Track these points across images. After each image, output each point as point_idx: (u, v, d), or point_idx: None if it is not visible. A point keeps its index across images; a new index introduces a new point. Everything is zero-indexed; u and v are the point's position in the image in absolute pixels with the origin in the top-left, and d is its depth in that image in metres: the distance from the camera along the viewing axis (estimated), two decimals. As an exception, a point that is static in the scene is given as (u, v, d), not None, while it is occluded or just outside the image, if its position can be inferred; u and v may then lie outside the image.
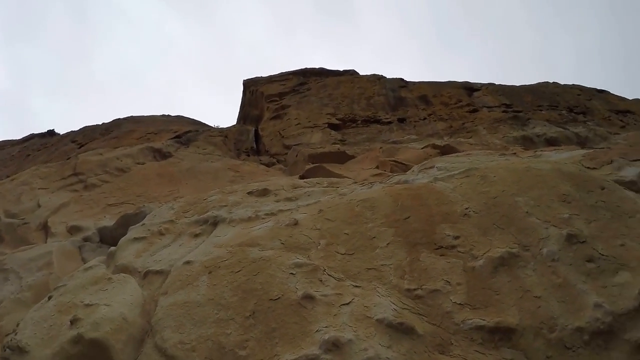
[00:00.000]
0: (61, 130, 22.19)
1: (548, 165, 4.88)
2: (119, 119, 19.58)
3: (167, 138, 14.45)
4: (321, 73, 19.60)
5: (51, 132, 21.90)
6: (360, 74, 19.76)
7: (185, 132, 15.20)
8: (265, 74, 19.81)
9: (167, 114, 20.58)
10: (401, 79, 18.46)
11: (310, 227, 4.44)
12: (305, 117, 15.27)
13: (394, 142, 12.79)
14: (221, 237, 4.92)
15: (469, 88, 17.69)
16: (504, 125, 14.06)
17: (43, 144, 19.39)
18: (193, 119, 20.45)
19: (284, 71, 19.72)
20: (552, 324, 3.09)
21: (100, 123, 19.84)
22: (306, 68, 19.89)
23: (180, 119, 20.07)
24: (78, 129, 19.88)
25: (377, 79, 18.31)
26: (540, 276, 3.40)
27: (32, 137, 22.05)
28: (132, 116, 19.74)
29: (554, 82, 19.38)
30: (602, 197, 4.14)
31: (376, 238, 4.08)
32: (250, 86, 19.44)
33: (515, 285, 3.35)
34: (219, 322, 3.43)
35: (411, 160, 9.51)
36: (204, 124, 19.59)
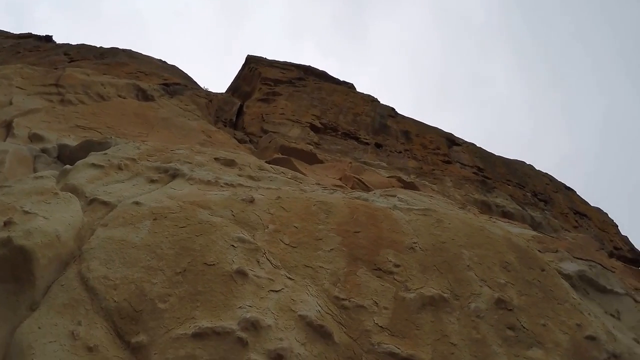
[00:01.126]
0: (58, 41, 21.31)
1: (500, 232, 5.07)
2: (117, 48, 19.07)
3: (155, 82, 14.21)
4: (321, 76, 19.67)
5: (48, 38, 21.11)
6: (357, 90, 19.93)
7: (174, 82, 14.98)
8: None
9: (164, 60, 20.18)
10: (392, 109, 18.72)
11: (264, 210, 4.47)
12: (291, 110, 15.30)
13: (364, 162, 12.97)
14: (176, 190, 4.89)
15: (451, 140, 18.11)
16: (470, 185, 14.45)
17: (36, 47, 18.70)
18: (186, 74, 20.12)
19: (288, 61, 19.68)
20: (459, 374, 3.22)
21: (98, 46, 19.28)
22: (310, 66, 19.92)
23: (174, 69, 19.71)
24: (75, 44, 19.27)
25: (371, 100, 18.53)
26: (462, 327, 3.54)
27: (29, 35, 21.19)
28: (130, 50, 19.26)
29: (529, 165, 20.05)
30: (540, 277, 4.35)
31: (322, 240, 4.14)
32: (252, 63, 19.32)
33: (437, 327, 3.47)
34: (148, 269, 3.41)
35: (374, 184, 9.67)
36: (195, 82, 19.32)
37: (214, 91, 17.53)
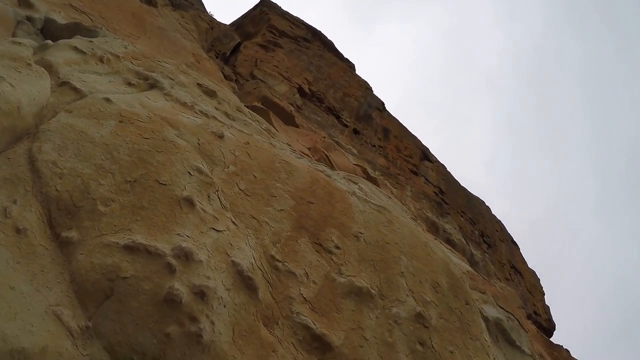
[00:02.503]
0: None
1: (441, 254, 5.20)
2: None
3: (164, -10, 13.63)
4: (327, 45, 19.38)
5: None
6: (356, 73, 19.78)
7: (183, -4, 14.42)
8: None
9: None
10: (382, 103, 18.70)
11: (230, 149, 4.40)
12: (286, 67, 15.06)
13: (337, 142, 12.97)
14: (150, 100, 4.75)
15: (425, 154, 18.31)
16: (427, 203, 14.72)
17: None
18: (198, -5, 19.38)
19: (300, 18, 19.28)
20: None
21: None
22: (319, 31, 19.56)
23: (187, -15, 18.94)
24: None
25: (365, 87, 18.44)
26: (378, 325, 3.63)
27: None
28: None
29: (487, 206, 20.54)
30: (462, 309, 4.51)
31: (276, 199, 4.13)
32: (265, 6, 18.82)
33: (356, 317, 3.55)
34: (99, 169, 3.32)
35: (339, 166, 9.71)
36: (202, 3, 18.68)
37: (217, 19, 17.04)
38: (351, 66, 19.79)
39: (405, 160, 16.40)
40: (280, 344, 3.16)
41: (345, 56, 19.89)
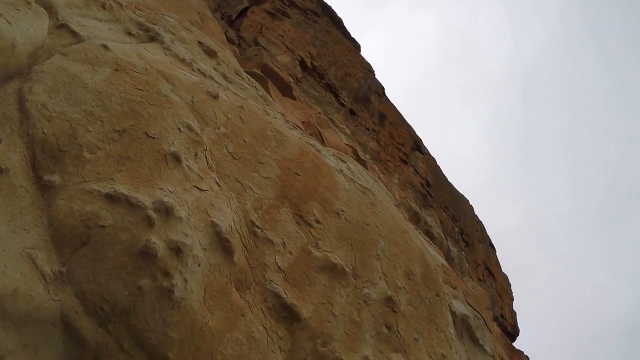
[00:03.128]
0: None
1: (419, 244, 5.26)
2: None
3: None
4: (336, 22, 19.15)
5: None
6: (361, 54, 19.62)
7: (193, -51, 14.10)
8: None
9: None
10: (383, 88, 18.61)
11: (223, 111, 4.37)
12: (290, 37, 14.88)
13: (332, 120, 12.93)
14: (149, 53, 4.68)
15: (418, 145, 18.32)
16: (412, 193, 14.80)
17: None
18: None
19: (313, -9, 18.98)
20: (328, 341, 3.38)
21: None
22: (330, 7, 19.29)
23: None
24: None
25: (368, 69, 18.32)
26: (348, 303, 3.69)
27: None
28: None
29: (471, 205, 20.70)
30: (432, 300, 4.59)
31: (263, 165, 4.12)
32: (276, -27, 18.50)
33: (327, 292, 3.59)
34: (89, 115, 3.28)
35: (330, 143, 9.70)
36: (213, -39, 18.27)
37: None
38: (357, 46, 19.61)
39: (397, 147, 16.42)
40: (249, 309, 3.19)
41: (352, 36, 19.68)
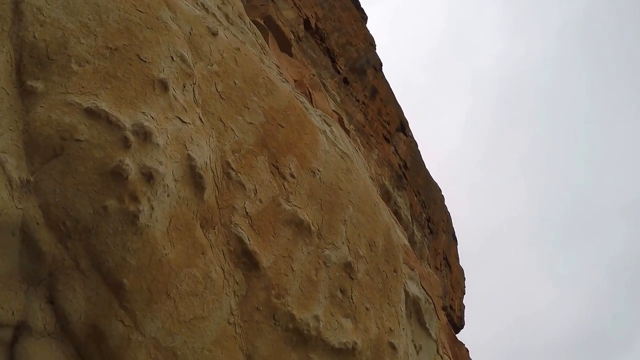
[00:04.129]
0: None
1: (387, 219, 5.33)
2: None
3: None
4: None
5: None
6: (367, 25, 19.38)
7: None
8: None
9: None
10: (381, 64, 18.52)
11: (219, 49, 4.29)
12: (300, -5, 14.59)
13: (324, 84, 12.86)
14: (154, -24, 4.55)
15: (403, 127, 18.38)
16: (388, 172, 14.92)
17: None
18: None
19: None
20: (282, 294, 3.45)
21: None
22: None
23: None
24: None
25: (370, 43, 18.16)
26: (307, 262, 3.75)
27: None
28: None
29: (442, 196, 21.00)
30: (389, 274, 4.70)
31: (249, 110, 4.08)
32: None
33: (290, 246, 3.64)
34: (84, 27, 3.17)
35: (318, 106, 9.67)
36: None
37: None
38: (364, 17, 19.34)
39: (383, 125, 16.45)
40: (210, 249, 3.21)
41: (362, 6, 19.40)
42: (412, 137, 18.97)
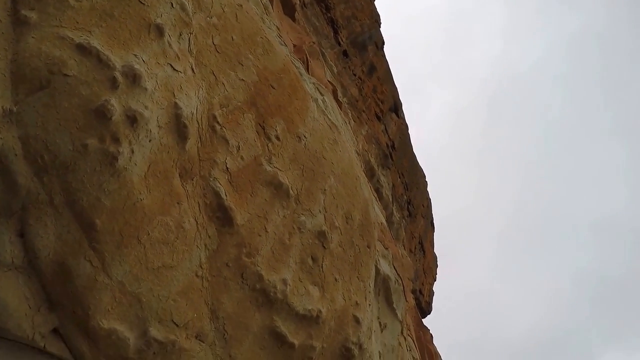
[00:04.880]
0: None
1: (367, 194, 5.37)
2: None
3: None
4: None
5: None
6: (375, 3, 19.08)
7: None
8: None
9: None
10: (383, 42, 18.30)
11: (221, 3, 4.21)
12: (310, -40, 14.28)
13: (323, 54, 12.71)
14: None
15: (396, 107, 18.31)
16: (375, 150, 14.95)
17: None
18: None
19: None
20: (253, 254, 3.48)
21: None
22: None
23: None
24: None
25: (375, 20, 17.90)
26: (282, 225, 3.78)
27: None
28: None
29: (426, 181, 21.14)
30: (362, 249, 4.77)
31: (242, 67, 4.04)
32: None
33: (266, 207, 3.66)
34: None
35: (314, 74, 9.60)
36: None
37: None
38: (374, -7, 19.02)
39: (376, 103, 16.38)
40: (186, 199, 3.22)
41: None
42: (404, 119, 18.95)
